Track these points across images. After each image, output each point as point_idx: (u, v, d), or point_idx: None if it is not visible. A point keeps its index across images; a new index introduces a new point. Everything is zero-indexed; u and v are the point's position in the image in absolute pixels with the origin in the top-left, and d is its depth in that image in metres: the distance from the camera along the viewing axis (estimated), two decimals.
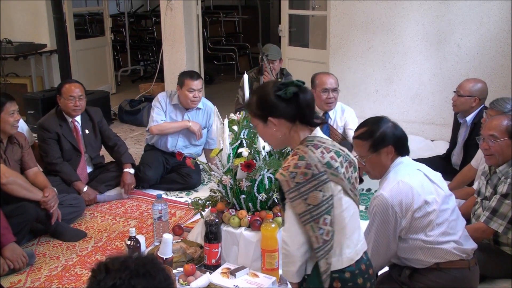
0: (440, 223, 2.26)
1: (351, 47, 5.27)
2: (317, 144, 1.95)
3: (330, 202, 1.89)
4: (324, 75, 3.89)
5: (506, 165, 2.67)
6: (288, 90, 1.96)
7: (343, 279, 1.93)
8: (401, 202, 2.21)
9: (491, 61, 4.79)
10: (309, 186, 1.87)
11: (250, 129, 2.98)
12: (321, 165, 1.89)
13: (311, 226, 1.87)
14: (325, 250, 1.89)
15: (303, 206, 1.87)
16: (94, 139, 3.98)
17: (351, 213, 1.98)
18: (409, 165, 2.33)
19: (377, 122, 2.33)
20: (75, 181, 3.77)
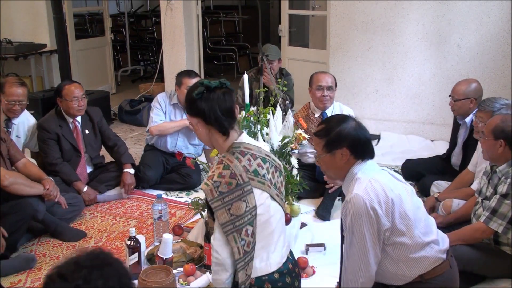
0: (419, 218, 2.11)
1: (351, 47, 5.27)
2: (244, 151, 1.93)
3: (253, 213, 1.88)
4: (320, 73, 3.89)
5: (506, 165, 2.68)
6: (198, 89, 1.95)
7: (272, 280, 1.95)
8: (379, 199, 2.00)
9: (491, 61, 4.79)
10: (233, 196, 1.85)
11: (250, 129, 2.98)
12: (246, 174, 1.87)
13: (233, 236, 1.85)
14: (245, 261, 1.88)
15: (226, 216, 1.85)
16: (94, 139, 3.98)
17: (278, 217, 2.00)
18: (375, 166, 2.14)
19: (338, 121, 2.13)
20: (75, 181, 3.77)
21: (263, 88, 3.36)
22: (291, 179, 2.96)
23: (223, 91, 1.99)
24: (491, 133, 2.67)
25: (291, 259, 2.07)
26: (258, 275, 1.93)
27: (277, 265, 1.97)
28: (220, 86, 1.99)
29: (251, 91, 4.00)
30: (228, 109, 1.97)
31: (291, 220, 2.96)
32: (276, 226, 1.98)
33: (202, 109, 1.96)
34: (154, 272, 2.64)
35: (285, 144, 3.00)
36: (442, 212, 3.22)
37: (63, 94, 3.76)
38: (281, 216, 2.03)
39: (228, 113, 1.97)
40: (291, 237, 3.00)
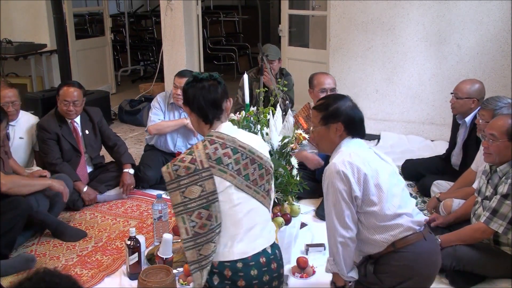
0: (393, 193, 2.23)
1: (351, 47, 5.27)
2: (214, 140, 2.04)
3: (211, 198, 1.96)
4: (322, 75, 3.89)
5: (507, 164, 2.67)
6: (187, 80, 2.15)
7: (234, 268, 2.01)
8: (353, 169, 2.17)
9: (491, 61, 4.79)
10: (189, 180, 1.96)
11: (250, 129, 2.98)
12: (207, 161, 1.97)
13: (182, 217, 1.97)
14: (196, 242, 1.96)
15: (179, 198, 1.97)
16: (94, 139, 3.98)
17: (247, 208, 2.04)
18: (362, 144, 2.33)
19: (337, 98, 2.36)
20: (75, 181, 3.76)
21: (263, 88, 3.35)
22: (291, 179, 2.96)
23: (210, 83, 2.12)
24: (504, 134, 2.64)
25: (269, 253, 2.09)
26: (219, 259, 2.01)
27: (240, 255, 2.01)
28: (208, 78, 2.14)
29: (251, 91, 3.99)
30: (212, 99, 2.11)
31: (291, 220, 2.96)
32: (244, 216, 2.03)
33: (187, 98, 2.14)
34: (154, 272, 2.64)
35: (285, 144, 2.99)
36: (442, 212, 3.22)
37: (60, 94, 3.78)
38: (255, 208, 2.07)
39: (211, 103, 2.11)
40: (291, 237, 2.99)
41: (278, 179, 2.96)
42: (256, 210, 2.09)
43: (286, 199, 3.02)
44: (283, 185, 2.96)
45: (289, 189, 2.97)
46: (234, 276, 2.00)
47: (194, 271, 1.99)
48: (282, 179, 2.95)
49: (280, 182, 2.96)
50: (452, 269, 2.70)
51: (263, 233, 2.11)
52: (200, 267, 1.98)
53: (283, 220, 2.90)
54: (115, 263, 3.05)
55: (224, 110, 2.17)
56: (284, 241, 2.89)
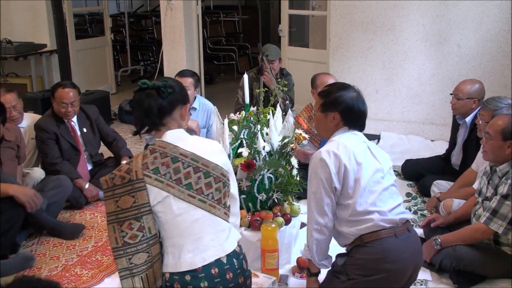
0: (369, 191, 2.24)
1: (351, 47, 5.27)
2: (155, 148, 2.01)
3: (143, 209, 1.95)
4: (324, 75, 3.89)
5: (507, 164, 2.68)
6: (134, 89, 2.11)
7: (182, 281, 1.98)
8: (336, 160, 2.21)
9: (491, 61, 4.79)
10: (123, 190, 1.95)
11: (250, 129, 2.98)
12: (143, 171, 1.94)
13: (113, 226, 1.97)
14: (126, 251, 1.96)
15: (112, 207, 1.97)
16: (92, 136, 4.00)
17: (192, 218, 1.99)
18: (356, 136, 2.33)
19: (341, 87, 2.36)
20: (76, 178, 3.78)
21: (263, 88, 3.36)
22: (291, 179, 2.96)
23: (148, 92, 2.04)
24: (499, 134, 2.65)
25: (223, 263, 2.02)
26: (169, 271, 2.01)
27: (188, 267, 1.98)
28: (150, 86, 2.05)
29: (251, 91, 4.00)
30: (146, 109, 2.03)
31: (291, 220, 2.96)
32: (188, 226, 1.99)
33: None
34: None
35: (285, 144, 2.99)
36: (442, 212, 3.22)
37: (55, 96, 3.77)
38: (201, 218, 2.01)
39: (145, 113, 2.04)
40: (291, 237, 2.99)
41: (278, 179, 2.96)
42: (203, 220, 2.02)
43: (286, 199, 3.02)
44: (283, 185, 2.96)
45: (289, 189, 2.97)
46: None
47: (124, 278, 1.98)
48: (282, 179, 2.95)
49: (280, 182, 2.96)
50: (452, 269, 2.71)
51: (215, 243, 2.04)
52: (131, 274, 1.97)
53: (283, 220, 2.90)
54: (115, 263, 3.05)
55: (173, 117, 2.08)
56: (284, 241, 2.89)
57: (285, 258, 2.93)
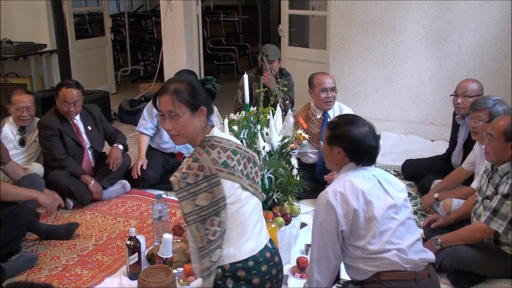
0: (383, 231, 2.12)
1: (351, 47, 5.27)
2: (214, 144, 2.03)
3: (221, 203, 1.95)
4: (321, 75, 3.90)
5: (508, 164, 2.68)
6: (215, 84, 2.14)
7: (246, 268, 2.01)
8: (343, 202, 2.10)
9: (491, 61, 4.79)
10: (199, 188, 1.93)
11: (250, 129, 2.98)
12: (215, 166, 1.95)
13: (197, 226, 1.93)
14: (209, 249, 1.95)
15: (191, 207, 1.93)
16: (97, 134, 4.05)
17: (252, 206, 2.07)
18: (366, 171, 2.22)
19: (349, 121, 2.24)
20: (82, 174, 3.81)
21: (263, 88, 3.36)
22: (291, 179, 2.96)
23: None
24: (502, 135, 2.64)
25: (270, 248, 2.12)
26: (231, 261, 2.01)
27: (251, 252, 2.03)
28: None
29: (251, 91, 4.00)
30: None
31: (291, 220, 2.96)
32: (250, 215, 2.05)
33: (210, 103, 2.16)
34: (154, 272, 2.64)
35: (285, 144, 3.00)
36: (442, 212, 3.23)
37: (59, 95, 3.82)
38: (256, 205, 2.10)
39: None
40: (291, 237, 3.00)
41: (278, 179, 2.96)
42: (257, 206, 2.12)
43: (286, 199, 3.03)
44: (283, 185, 2.96)
45: (289, 189, 2.98)
46: (248, 275, 2.01)
47: (206, 278, 1.96)
48: (282, 179, 2.95)
49: (280, 182, 2.96)
50: (452, 269, 2.71)
51: (263, 228, 2.15)
52: (210, 273, 1.97)
53: (283, 220, 2.90)
54: (115, 263, 3.06)
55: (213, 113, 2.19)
56: (284, 241, 2.90)
57: (285, 258, 2.92)
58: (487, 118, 3.08)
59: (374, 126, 2.28)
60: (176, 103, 2.03)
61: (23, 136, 3.85)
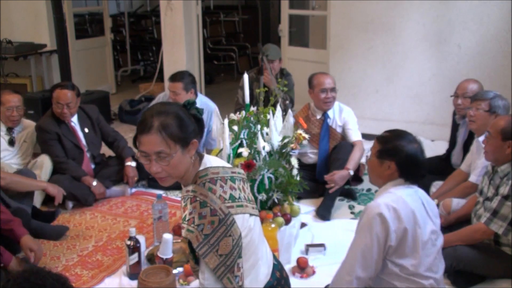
0: (426, 255, 2.11)
1: (351, 47, 5.27)
2: (213, 178, 1.79)
3: (240, 243, 1.76)
4: (321, 75, 3.89)
5: (508, 165, 2.68)
6: (199, 109, 1.84)
7: None
8: (396, 217, 2.06)
9: (491, 61, 4.79)
10: (218, 235, 1.72)
11: (250, 129, 2.98)
12: (225, 205, 1.74)
13: (228, 278, 1.75)
14: None
15: (216, 259, 1.73)
16: (94, 136, 4.02)
17: (258, 230, 1.90)
18: (414, 190, 2.19)
19: (400, 135, 2.20)
20: (83, 176, 3.81)
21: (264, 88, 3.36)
22: (291, 179, 2.96)
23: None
24: (499, 134, 2.65)
25: (276, 264, 2.01)
26: None
27: (266, 278, 1.91)
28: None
29: (251, 91, 3.99)
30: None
31: (291, 220, 2.96)
32: (258, 239, 1.90)
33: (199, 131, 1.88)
34: (154, 272, 2.63)
35: (285, 144, 3.00)
36: (442, 212, 3.23)
37: (53, 96, 3.81)
38: (260, 226, 1.95)
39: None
40: (291, 237, 3.00)
41: (278, 179, 2.96)
42: (260, 228, 1.95)
43: (286, 199, 3.03)
44: (283, 185, 2.96)
45: (289, 189, 2.98)
46: None
47: None
48: (282, 179, 2.95)
49: (280, 182, 2.96)
50: (452, 269, 2.71)
51: (268, 247, 2.01)
52: None
53: (283, 220, 2.90)
54: (115, 263, 3.06)
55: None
56: (284, 241, 2.90)
57: (285, 258, 2.93)
58: (486, 107, 3.12)
59: (422, 142, 2.26)
60: (167, 141, 1.72)
61: (12, 137, 3.83)
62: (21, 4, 6.39)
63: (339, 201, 3.80)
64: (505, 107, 3.14)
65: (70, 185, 3.71)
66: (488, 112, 3.13)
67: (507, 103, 3.16)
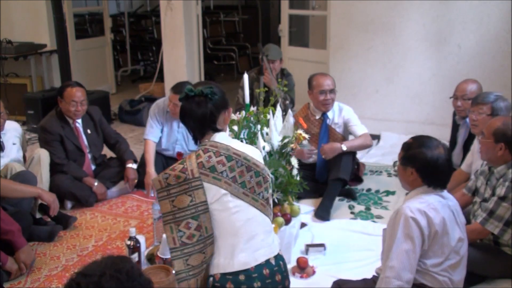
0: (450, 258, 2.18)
1: (351, 47, 5.27)
2: (208, 148, 2.03)
3: (200, 208, 1.94)
4: (320, 76, 3.89)
5: (504, 166, 2.68)
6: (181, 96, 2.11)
7: (236, 281, 1.96)
8: (429, 221, 2.12)
9: (491, 61, 4.79)
10: (179, 189, 1.95)
11: (250, 129, 2.98)
12: (200, 170, 1.95)
13: (170, 226, 1.96)
14: (184, 252, 1.94)
15: (169, 207, 1.97)
16: (96, 138, 4.03)
17: (246, 217, 2.00)
18: (444, 199, 2.23)
19: (423, 143, 2.23)
20: (84, 177, 3.81)
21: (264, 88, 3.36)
22: (291, 179, 2.96)
23: (198, 99, 2.06)
24: (492, 135, 2.66)
25: (272, 265, 2.04)
26: (220, 271, 1.98)
27: (242, 266, 1.97)
28: (199, 94, 2.06)
29: (252, 91, 4.00)
30: (200, 116, 2.05)
31: (291, 220, 2.96)
32: (243, 225, 1.99)
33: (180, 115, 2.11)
34: (154, 272, 2.64)
35: (285, 144, 3.00)
36: None
37: (64, 96, 3.79)
38: (255, 217, 2.03)
39: (200, 120, 2.06)
40: (291, 237, 3.00)
41: (278, 179, 2.96)
42: (256, 219, 2.04)
43: (286, 199, 3.03)
44: (283, 185, 2.96)
45: (289, 189, 2.98)
46: None
47: (181, 280, 1.97)
48: (282, 179, 2.95)
49: (280, 182, 2.96)
50: None
51: (265, 244, 2.06)
52: (188, 277, 1.96)
53: (283, 220, 2.90)
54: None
55: (219, 122, 2.12)
56: (284, 241, 2.89)
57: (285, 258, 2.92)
58: (488, 111, 3.11)
59: (447, 148, 2.28)
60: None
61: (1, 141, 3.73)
62: (21, 4, 6.39)
63: (339, 201, 3.80)
64: (506, 108, 3.13)
65: (71, 185, 3.72)
66: (491, 116, 3.10)
67: (508, 104, 3.15)
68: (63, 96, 3.79)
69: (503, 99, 3.15)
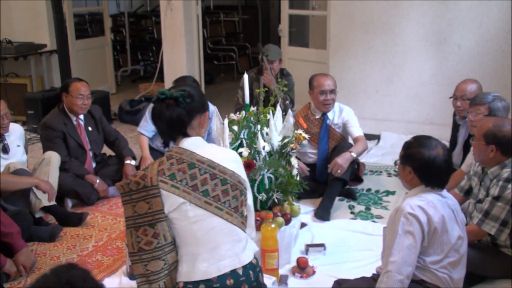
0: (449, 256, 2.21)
1: (351, 47, 5.27)
2: (172, 155, 2.00)
3: (157, 216, 1.93)
4: (321, 76, 3.89)
5: (497, 167, 2.68)
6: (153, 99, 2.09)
7: None
8: (428, 218, 2.15)
9: (491, 61, 4.79)
10: (139, 196, 1.95)
11: (250, 129, 2.98)
12: (158, 177, 1.93)
13: (130, 231, 1.97)
14: (142, 258, 1.95)
15: (130, 211, 1.97)
16: (97, 135, 4.06)
17: (208, 226, 1.97)
18: (444, 198, 2.26)
19: (422, 143, 2.25)
20: (86, 174, 3.83)
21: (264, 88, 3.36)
22: (291, 179, 2.96)
23: (167, 102, 2.00)
24: (482, 137, 2.66)
25: (239, 275, 2.00)
26: (182, 279, 1.97)
27: (203, 276, 1.95)
28: (169, 97, 2.01)
29: (251, 91, 4.00)
30: (167, 119, 2.01)
31: (291, 220, 2.96)
32: (204, 234, 1.96)
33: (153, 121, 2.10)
34: None
35: (285, 144, 3.00)
36: None
37: (70, 90, 3.82)
38: (216, 227, 1.98)
39: (167, 123, 2.02)
40: (291, 237, 3.00)
41: (278, 179, 2.96)
42: (220, 228, 1.99)
43: (286, 199, 3.03)
44: (283, 185, 2.96)
45: (289, 189, 2.98)
46: None
47: (141, 284, 1.97)
48: (282, 179, 2.95)
49: (280, 182, 2.96)
50: None
51: (232, 253, 2.01)
52: (148, 281, 1.96)
53: (283, 220, 2.90)
54: (115, 263, 3.06)
55: (192, 126, 2.05)
56: (284, 241, 2.90)
57: (285, 258, 2.93)
58: (486, 112, 3.12)
59: (447, 148, 2.29)
60: None
61: (4, 143, 3.65)
62: (21, 4, 6.39)
63: (339, 201, 3.80)
64: (504, 108, 3.13)
65: (72, 183, 3.73)
66: (488, 116, 3.11)
67: (506, 104, 3.15)
68: (68, 90, 3.82)
69: (501, 99, 3.15)
